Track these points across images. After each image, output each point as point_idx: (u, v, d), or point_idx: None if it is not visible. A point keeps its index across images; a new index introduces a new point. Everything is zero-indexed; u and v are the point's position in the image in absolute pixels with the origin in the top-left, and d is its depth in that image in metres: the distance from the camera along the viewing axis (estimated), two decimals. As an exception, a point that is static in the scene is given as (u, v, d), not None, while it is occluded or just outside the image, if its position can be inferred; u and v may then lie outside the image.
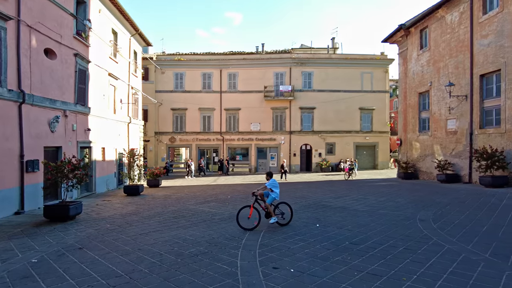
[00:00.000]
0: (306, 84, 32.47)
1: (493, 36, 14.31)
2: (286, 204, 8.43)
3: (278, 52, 33.60)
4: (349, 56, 32.98)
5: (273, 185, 8.10)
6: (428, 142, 19.19)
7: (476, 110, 15.36)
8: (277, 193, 8.08)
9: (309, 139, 32.43)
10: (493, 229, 7.09)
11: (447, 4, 17.16)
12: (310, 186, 18.43)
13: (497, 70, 14.17)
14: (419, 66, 20.10)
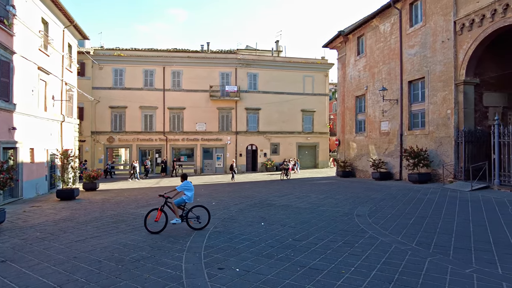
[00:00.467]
0: (251, 85, 32.86)
1: (418, 47, 15.84)
2: (204, 207, 8.12)
3: (223, 52, 33.54)
4: (292, 59, 34.11)
5: (185, 188, 7.92)
6: (364, 142, 20.60)
7: (405, 113, 16.86)
8: (188, 196, 7.86)
9: (254, 139, 32.87)
10: (419, 221, 7.85)
11: (380, 14, 18.59)
12: (256, 185, 18.70)
13: (422, 77, 15.72)
14: (356, 71, 21.49)
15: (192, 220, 7.73)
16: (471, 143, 13.49)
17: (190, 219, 7.75)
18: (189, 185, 8.04)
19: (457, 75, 13.76)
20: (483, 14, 12.46)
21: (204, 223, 7.81)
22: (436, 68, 14.74)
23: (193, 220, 7.72)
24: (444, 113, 14.36)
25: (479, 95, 14.17)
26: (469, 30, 13.16)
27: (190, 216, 7.77)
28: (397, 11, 17.16)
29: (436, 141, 14.87)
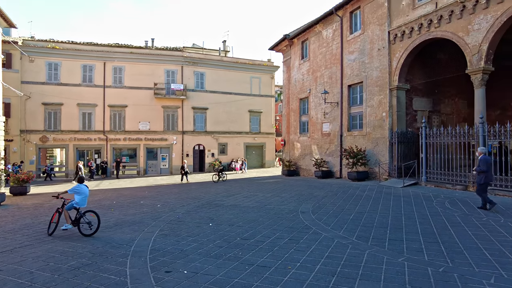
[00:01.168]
0: (198, 84, 32.41)
1: (357, 53, 16.94)
2: (94, 212, 7.74)
3: (169, 49, 32.59)
4: (240, 60, 34.32)
5: (76, 191, 7.75)
6: (307, 142, 21.47)
7: (345, 115, 17.91)
8: (76, 200, 7.68)
9: (202, 139, 32.46)
10: (358, 216, 8.41)
11: (323, 21, 19.52)
12: (204, 186, 18.50)
13: (360, 82, 16.83)
14: (300, 74, 22.31)
15: (84, 225, 7.43)
16: (403, 144, 14.76)
17: (82, 224, 7.45)
18: (80, 189, 7.81)
19: (391, 80, 14.98)
20: (412, 27, 13.73)
21: (94, 229, 7.47)
22: (373, 73, 15.89)
23: (84, 226, 7.42)
24: (380, 115, 15.54)
25: (409, 100, 15.57)
26: (401, 40, 14.42)
27: (82, 221, 7.49)
28: (339, 18, 18.16)
29: (372, 141, 16.02)
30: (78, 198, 7.68)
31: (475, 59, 11.55)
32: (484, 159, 8.68)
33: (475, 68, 11.56)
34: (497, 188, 10.63)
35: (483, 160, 8.67)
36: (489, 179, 8.80)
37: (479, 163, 8.78)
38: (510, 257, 5.09)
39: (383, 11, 15.25)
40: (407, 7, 14.13)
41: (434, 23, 12.83)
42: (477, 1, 11.28)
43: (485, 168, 8.58)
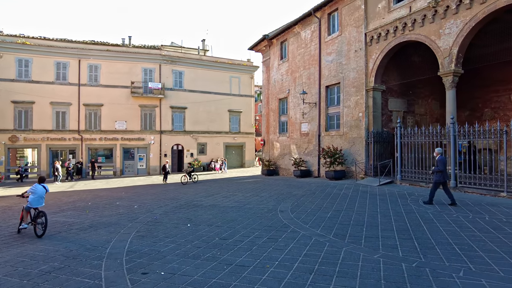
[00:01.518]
0: (177, 83, 31.99)
1: (335, 55, 17.23)
2: (43, 213, 7.55)
3: (147, 47, 31.95)
4: (219, 59, 34.14)
5: (31, 191, 7.70)
6: (287, 142, 21.64)
7: (323, 116, 18.17)
8: (30, 200, 7.64)
9: (180, 139, 32.05)
10: (335, 214, 8.56)
11: (302, 22, 19.73)
12: (182, 186, 18.28)
13: (338, 83, 17.13)
14: (279, 74, 22.45)
15: (38, 226, 7.42)
16: (379, 143, 15.13)
17: (38, 224, 7.43)
18: (36, 189, 7.73)
19: (367, 81, 15.33)
20: (388, 29, 14.11)
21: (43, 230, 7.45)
22: (350, 74, 16.20)
23: (39, 226, 7.41)
24: (357, 116, 15.87)
25: (385, 100, 15.98)
26: (377, 42, 14.78)
27: (38, 221, 7.46)
28: (317, 19, 18.41)
29: (349, 141, 16.34)
30: (31, 197, 7.62)
31: (446, 61, 12.00)
32: (441, 159, 9.31)
33: (446, 71, 12.01)
34: (466, 186, 11.08)
35: (441, 161, 9.28)
36: (445, 178, 9.36)
37: (437, 163, 9.35)
38: (477, 251, 5.33)
39: (360, 14, 15.58)
40: (383, 10, 14.50)
41: (408, 26, 13.24)
42: (447, 6, 11.73)
43: (442, 168, 9.20)
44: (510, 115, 14.98)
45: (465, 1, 11.17)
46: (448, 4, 11.70)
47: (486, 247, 5.53)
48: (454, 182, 11.35)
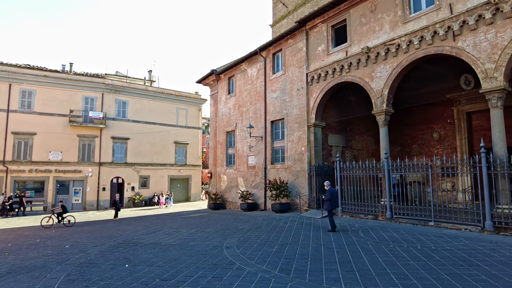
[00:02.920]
0: (120, 113, 30.82)
1: (279, 92, 18.08)
2: None
3: (89, 75, 30.67)
4: (166, 90, 33.86)
5: None
6: (234, 175, 21.63)
7: (269, 149, 18.63)
8: None
9: (121, 171, 30.39)
10: (281, 248, 8.57)
11: (248, 60, 20.57)
12: (121, 222, 17.10)
13: (282, 118, 17.85)
14: (227, 108, 22.81)
15: None
16: (320, 176, 15.78)
17: None
18: None
19: (309, 118, 16.19)
20: (327, 70, 15.28)
21: None
22: (293, 111, 17.02)
23: None
24: (300, 150, 16.53)
25: (325, 136, 16.93)
26: (317, 82, 15.86)
27: None
28: (263, 58, 19.34)
29: (294, 174, 16.83)
30: None
31: (379, 101, 13.22)
32: (329, 190, 10.94)
33: (379, 110, 13.20)
34: (400, 217, 11.90)
35: (329, 191, 10.91)
36: (334, 206, 10.99)
37: (326, 193, 10.90)
38: (412, 279, 5.66)
39: (302, 55, 16.72)
40: (323, 53, 15.75)
41: (345, 68, 14.47)
42: (378, 53, 13.12)
43: (329, 197, 10.78)
44: (433, 151, 16.72)
45: (392, 49, 12.61)
46: (378, 51, 13.10)
47: (419, 275, 5.91)
48: (390, 213, 12.13)
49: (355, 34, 14.20)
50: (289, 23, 23.88)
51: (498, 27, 9.87)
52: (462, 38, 10.69)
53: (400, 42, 12.32)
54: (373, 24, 13.51)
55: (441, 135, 16.61)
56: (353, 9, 14.34)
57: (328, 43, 15.52)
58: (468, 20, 10.42)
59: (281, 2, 25.80)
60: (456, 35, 10.78)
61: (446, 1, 11.15)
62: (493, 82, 9.94)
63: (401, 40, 12.30)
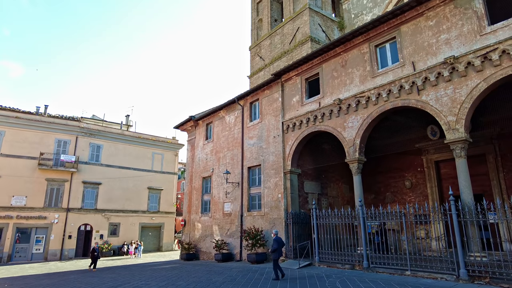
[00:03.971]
0: (93, 156, 30.05)
1: (256, 139, 18.36)
2: None
3: (64, 118, 30.15)
4: (142, 135, 33.64)
5: None
6: (209, 223, 21.00)
7: (245, 195, 18.43)
8: None
9: (90, 218, 28.88)
10: (255, 303, 8.13)
11: (226, 107, 21.05)
12: (85, 275, 15.87)
13: (259, 165, 17.95)
14: (204, 154, 22.77)
15: None
16: (297, 224, 15.59)
17: None
18: None
19: (285, 165, 16.36)
20: (301, 120, 15.80)
21: None
22: (270, 158, 17.20)
23: None
24: (276, 196, 16.45)
25: (301, 183, 17.03)
26: (292, 131, 16.29)
27: None
28: (240, 107, 19.86)
29: (270, 222, 16.55)
30: None
31: (351, 150, 13.63)
32: (276, 239, 11.41)
33: (352, 158, 13.56)
34: (377, 266, 11.74)
35: (275, 240, 11.35)
36: (279, 255, 11.48)
37: (273, 242, 11.31)
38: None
39: (278, 105, 17.32)
40: (297, 103, 16.38)
41: (318, 118, 15.02)
42: (349, 105, 13.80)
43: (276, 247, 11.20)
44: (406, 199, 17.07)
45: (362, 101, 13.31)
46: (349, 103, 13.78)
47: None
48: (367, 263, 11.96)
49: (327, 87, 14.99)
50: (266, 75, 25.01)
51: (456, 83, 10.74)
52: (425, 92, 11.50)
53: (370, 95, 13.07)
54: (344, 77, 14.36)
55: (413, 183, 17.10)
56: (325, 64, 15.28)
57: (302, 95, 16.24)
58: (430, 77, 11.31)
59: (259, 55, 27.21)
60: (420, 89, 11.60)
61: (409, 59, 12.13)
62: (455, 133, 10.57)
63: (370, 93, 13.06)
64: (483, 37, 10.31)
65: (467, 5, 10.82)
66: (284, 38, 24.93)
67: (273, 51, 25.87)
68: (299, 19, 23.80)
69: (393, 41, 12.96)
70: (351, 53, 14.26)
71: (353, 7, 22.59)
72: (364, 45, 13.79)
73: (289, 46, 24.22)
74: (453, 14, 11.13)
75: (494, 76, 9.97)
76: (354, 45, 14.10)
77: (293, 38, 23.93)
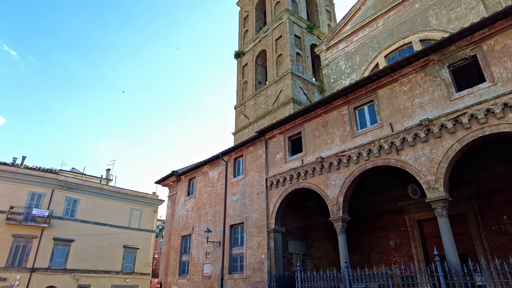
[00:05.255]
0: (68, 211, 28.65)
1: (239, 195, 18.09)
2: None
3: (42, 170, 29.23)
4: (122, 190, 32.70)
5: None
6: (186, 286, 19.62)
7: (227, 256, 17.57)
8: None
9: (57, 279, 26.60)
10: None
11: (210, 163, 21.00)
12: None
13: (241, 222, 17.44)
14: (185, 210, 22.09)
15: None
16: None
17: None
18: None
19: (268, 223, 15.96)
20: (285, 177, 15.83)
21: None
22: (253, 215, 16.81)
23: None
24: (259, 257, 15.74)
25: (285, 243, 16.48)
26: (276, 187, 16.21)
27: None
28: (224, 162, 19.86)
29: (252, 285, 15.61)
30: None
31: (335, 209, 13.52)
32: None
33: (336, 217, 13.40)
34: (364, 335, 10.97)
35: None
36: None
37: None
38: None
39: (262, 161, 17.43)
40: (281, 160, 16.54)
41: (301, 175, 15.09)
42: (331, 163, 14.02)
43: None
44: (391, 259, 16.65)
45: (343, 160, 13.57)
46: (331, 162, 14.01)
47: None
48: (353, 331, 11.20)
49: (309, 145, 15.33)
50: (250, 132, 25.55)
51: (432, 144, 11.20)
52: (404, 152, 11.88)
53: (351, 154, 13.38)
54: (325, 137, 14.79)
55: (397, 242, 16.84)
56: (307, 124, 15.80)
57: (286, 152, 16.48)
58: (407, 138, 11.78)
59: (243, 114, 28.08)
60: (399, 149, 11.99)
61: (387, 120, 12.71)
62: (435, 192, 10.74)
63: (351, 152, 13.39)
64: (453, 102, 11.04)
65: (436, 73, 11.74)
66: (268, 99, 26.02)
67: (258, 110, 26.78)
68: (282, 82, 25.13)
69: (371, 103, 13.68)
70: (331, 114, 14.88)
71: (332, 72, 24.13)
72: (344, 107, 14.47)
73: (272, 106, 25.20)
74: (424, 81, 12.00)
75: (466, 138, 10.49)
76: (334, 107, 14.77)
77: (276, 99, 25.00)
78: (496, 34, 10.64)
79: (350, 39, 23.36)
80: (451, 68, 11.58)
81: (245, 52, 30.83)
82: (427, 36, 18.67)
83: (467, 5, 17.40)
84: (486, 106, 10.19)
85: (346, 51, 23.48)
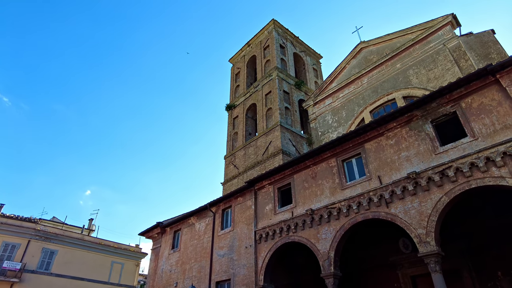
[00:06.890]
0: (44, 264, 26.84)
1: (227, 249, 17.39)
2: None
3: (19, 219, 27.83)
4: (104, 241, 31.18)
5: None
6: None
7: (211, 316, 16.34)
8: None
9: None
10: None
11: (197, 214, 20.44)
12: None
13: (228, 279, 16.53)
14: (168, 265, 20.95)
15: None
16: None
17: None
18: None
19: (257, 280, 15.16)
20: (274, 229, 15.42)
21: None
22: (241, 271, 16.01)
23: None
24: (246, 318, 14.70)
25: (274, 301, 15.53)
26: (265, 241, 15.69)
27: None
28: (212, 213, 19.36)
29: None
30: None
31: (326, 264, 13.02)
32: None
33: (327, 273, 12.85)
34: None
35: None
36: None
37: None
38: None
39: (251, 213, 17.07)
40: (270, 212, 16.23)
41: (292, 228, 14.73)
42: (321, 215, 13.81)
43: None
44: (386, 321, 15.71)
45: (334, 213, 13.40)
46: (321, 214, 13.81)
47: None
48: None
49: (299, 197, 15.20)
50: (239, 183, 25.37)
51: (420, 197, 11.24)
52: (393, 205, 11.84)
53: (341, 206, 13.27)
54: (315, 188, 14.75)
55: (391, 302, 16.05)
56: (296, 175, 15.83)
57: (275, 203, 16.25)
58: (396, 191, 11.83)
59: (233, 164, 28.11)
60: (388, 202, 11.97)
61: (375, 173, 12.84)
62: (427, 246, 10.54)
63: (341, 205, 13.28)
64: (438, 156, 11.33)
65: (420, 128, 12.19)
66: (258, 150, 26.30)
67: (247, 160, 26.89)
68: (272, 134, 25.65)
69: (359, 156, 13.91)
70: (320, 166, 15.00)
71: (319, 126, 24.82)
72: (332, 159, 14.65)
73: (262, 157, 25.39)
74: (409, 135, 12.40)
75: (453, 191, 10.59)
76: (322, 159, 14.95)
77: (266, 150, 25.28)
78: (472, 93, 11.31)
79: (336, 95, 24.45)
80: (434, 123, 12.07)
81: (236, 105, 31.81)
82: (409, 93, 19.72)
83: (443, 66, 18.72)
84: (470, 160, 10.47)
85: (332, 106, 24.43)
